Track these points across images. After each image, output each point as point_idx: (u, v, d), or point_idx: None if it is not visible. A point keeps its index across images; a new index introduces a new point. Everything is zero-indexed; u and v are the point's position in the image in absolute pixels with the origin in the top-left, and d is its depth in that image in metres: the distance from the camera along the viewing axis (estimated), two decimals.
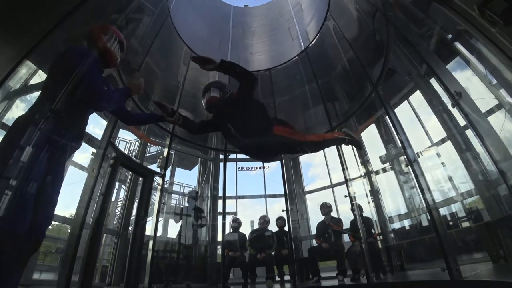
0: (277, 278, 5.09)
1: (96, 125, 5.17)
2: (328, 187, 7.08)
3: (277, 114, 6.87)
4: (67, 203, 4.64)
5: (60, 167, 1.47)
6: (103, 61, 1.70)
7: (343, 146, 5.77)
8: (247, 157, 7.87)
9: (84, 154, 5.28)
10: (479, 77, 3.62)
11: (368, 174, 6.07)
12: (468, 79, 3.80)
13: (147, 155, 7.04)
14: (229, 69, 2.16)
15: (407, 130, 4.54)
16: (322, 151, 7.45)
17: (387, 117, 4.97)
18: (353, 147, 3.02)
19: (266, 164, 7.74)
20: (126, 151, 7.26)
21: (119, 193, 6.89)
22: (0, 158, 1.26)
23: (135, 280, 4.15)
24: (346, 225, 5.06)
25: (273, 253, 5.17)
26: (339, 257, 4.50)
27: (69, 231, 4.16)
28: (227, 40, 8.32)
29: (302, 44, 7.44)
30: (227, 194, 5.92)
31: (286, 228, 5.34)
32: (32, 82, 3.11)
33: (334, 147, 5.77)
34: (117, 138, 6.32)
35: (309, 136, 2.41)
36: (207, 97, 2.40)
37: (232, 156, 7.44)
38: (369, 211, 5.39)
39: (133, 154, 6.52)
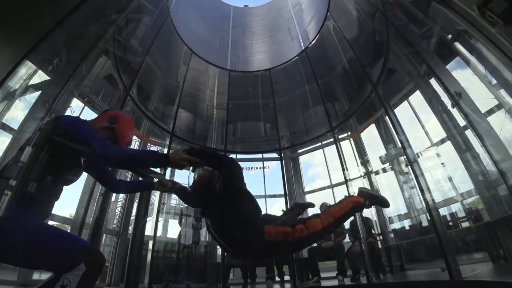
0: (277, 278, 5.09)
1: None
2: (328, 187, 7.08)
3: (277, 114, 6.90)
4: (67, 203, 4.65)
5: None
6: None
7: (342, 146, 5.81)
8: (247, 157, 7.92)
9: None
10: (479, 77, 3.62)
11: (368, 174, 6.07)
12: (468, 79, 3.81)
13: None
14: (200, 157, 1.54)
15: (407, 130, 4.53)
16: (321, 150, 7.47)
17: (387, 117, 4.97)
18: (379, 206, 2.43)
19: (266, 164, 7.75)
20: None
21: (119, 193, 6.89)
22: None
23: (135, 280, 4.15)
24: (346, 225, 5.06)
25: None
26: (339, 257, 4.50)
27: (69, 231, 4.16)
28: (227, 40, 8.33)
29: (302, 44, 7.45)
30: None
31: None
32: (32, 82, 3.11)
33: (333, 146, 5.80)
34: None
35: (315, 225, 1.80)
36: (197, 174, 1.93)
37: (232, 156, 7.44)
38: (369, 211, 5.39)
39: None
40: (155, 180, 1.91)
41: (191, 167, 1.88)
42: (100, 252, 1.26)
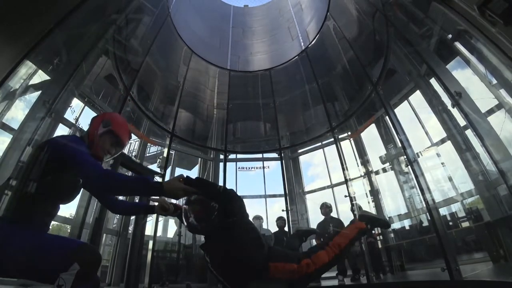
0: None
1: None
2: (328, 187, 7.08)
3: (277, 114, 6.90)
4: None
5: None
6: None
7: (342, 146, 5.80)
8: (247, 157, 7.92)
9: None
10: (479, 77, 3.62)
11: (368, 174, 6.07)
12: (468, 79, 3.81)
13: (147, 155, 7.04)
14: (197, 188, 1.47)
15: (407, 130, 4.53)
16: (321, 150, 7.47)
17: (387, 117, 4.97)
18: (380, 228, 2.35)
19: (266, 164, 7.75)
20: (126, 151, 7.25)
21: None
22: None
23: (135, 280, 4.15)
24: (346, 225, 5.06)
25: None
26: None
27: (69, 231, 4.16)
28: (227, 40, 8.33)
29: (302, 44, 7.45)
30: None
31: (286, 229, 5.34)
32: (32, 82, 3.11)
33: (333, 146, 5.80)
34: None
35: (322, 258, 1.72)
36: (191, 208, 1.78)
37: (232, 156, 7.44)
38: (369, 211, 5.38)
39: (133, 154, 6.52)
40: (156, 203, 1.79)
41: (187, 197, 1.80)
42: (94, 251, 1.24)
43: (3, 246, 1.11)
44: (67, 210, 4.79)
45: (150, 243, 4.43)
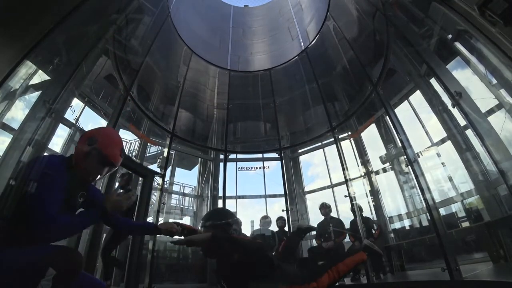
0: None
1: (95, 125, 5.17)
2: (328, 187, 7.08)
3: (277, 114, 6.90)
4: None
5: None
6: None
7: (343, 145, 5.80)
8: (247, 157, 7.92)
9: None
10: (479, 77, 3.62)
11: (368, 174, 6.07)
12: (468, 79, 3.80)
13: (147, 155, 7.04)
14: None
15: (407, 130, 4.53)
16: (322, 150, 7.48)
17: (387, 117, 4.97)
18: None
19: (266, 164, 7.76)
20: (126, 151, 7.25)
21: None
22: None
23: (135, 280, 4.15)
24: (346, 225, 5.06)
25: (273, 253, 5.16)
26: (339, 257, 4.49)
27: None
28: (227, 40, 8.34)
29: (302, 44, 7.45)
30: (227, 194, 5.92)
31: (286, 228, 5.34)
32: (32, 82, 3.11)
33: (333, 146, 5.80)
34: None
35: (324, 282, 1.84)
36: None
37: (232, 156, 7.44)
38: (369, 211, 5.39)
39: (133, 154, 6.52)
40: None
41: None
42: (71, 257, 1.17)
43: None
44: None
45: (150, 243, 4.43)
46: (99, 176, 1.43)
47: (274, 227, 5.58)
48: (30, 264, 1.10)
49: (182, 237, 1.72)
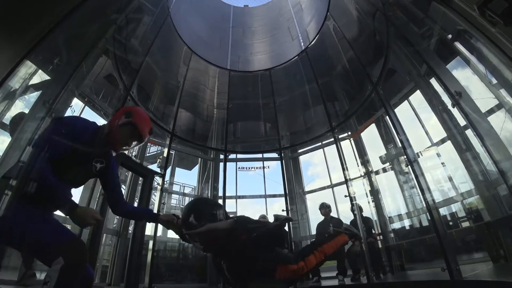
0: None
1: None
2: (328, 187, 7.08)
3: (277, 114, 6.90)
4: None
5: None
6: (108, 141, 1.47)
7: (343, 145, 5.80)
8: (247, 157, 7.92)
9: None
10: (479, 77, 3.62)
11: (368, 174, 6.07)
12: (468, 79, 3.81)
13: (147, 155, 7.04)
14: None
15: (407, 130, 4.54)
16: (322, 150, 7.48)
17: (387, 117, 4.97)
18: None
19: (266, 164, 7.76)
20: (126, 151, 7.25)
21: None
22: None
23: (135, 280, 4.15)
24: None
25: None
26: (339, 257, 4.49)
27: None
28: (227, 40, 8.33)
29: (302, 44, 7.45)
30: (227, 194, 5.92)
31: (286, 228, 5.34)
32: (32, 82, 3.11)
33: (333, 146, 5.80)
34: None
35: (312, 261, 2.00)
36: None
37: (232, 156, 7.44)
38: (369, 211, 5.39)
39: (133, 154, 6.52)
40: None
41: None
42: (81, 249, 1.21)
43: (14, 221, 1.16)
44: None
45: (150, 243, 4.43)
46: (125, 147, 1.55)
47: None
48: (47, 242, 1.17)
49: (182, 232, 1.75)
